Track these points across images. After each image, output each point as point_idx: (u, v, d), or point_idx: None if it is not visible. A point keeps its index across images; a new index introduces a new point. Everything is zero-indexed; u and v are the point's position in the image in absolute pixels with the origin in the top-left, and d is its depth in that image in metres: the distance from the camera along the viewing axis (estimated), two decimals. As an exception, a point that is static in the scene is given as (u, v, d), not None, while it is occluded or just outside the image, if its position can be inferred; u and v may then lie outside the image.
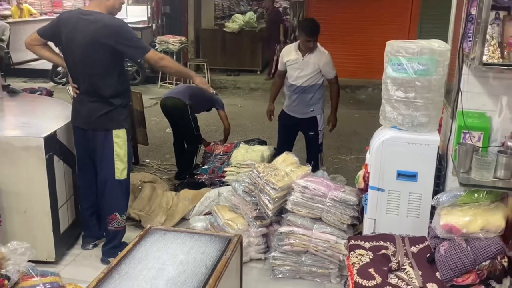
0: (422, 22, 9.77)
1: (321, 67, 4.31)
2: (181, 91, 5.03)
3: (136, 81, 9.82)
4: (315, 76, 4.35)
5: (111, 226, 3.43)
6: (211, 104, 5.22)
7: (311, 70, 4.32)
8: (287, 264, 3.30)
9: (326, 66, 4.32)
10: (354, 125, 7.35)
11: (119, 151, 3.33)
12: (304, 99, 4.43)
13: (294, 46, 4.43)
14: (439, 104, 2.83)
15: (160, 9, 10.81)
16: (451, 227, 2.34)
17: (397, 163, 2.79)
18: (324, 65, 4.30)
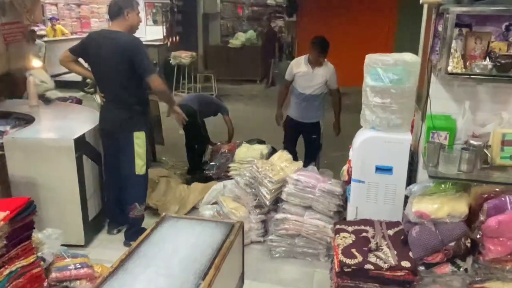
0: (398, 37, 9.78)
1: (328, 79, 4.35)
2: (192, 99, 5.04)
3: (153, 90, 9.81)
4: (322, 86, 4.39)
5: (132, 214, 3.44)
6: (217, 110, 5.21)
7: (320, 81, 4.35)
8: (283, 246, 3.31)
9: (332, 78, 4.37)
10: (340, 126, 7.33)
11: (139, 150, 3.34)
12: (311, 106, 4.45)
13: (303, 59, 4.41)
14: (411, 108, 2.83)
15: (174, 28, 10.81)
16: (421, 213, 2.35)
17: (376, 159, 2.79)
18: (330, 77, 4.35)
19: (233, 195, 3.76)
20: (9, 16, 4.29)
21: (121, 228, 3.66)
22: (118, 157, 3.39)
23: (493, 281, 2.27)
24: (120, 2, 3.20)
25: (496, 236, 2.20)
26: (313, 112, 4.48)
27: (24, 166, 3.20)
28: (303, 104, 4.47)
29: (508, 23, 2.37)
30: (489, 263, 2.25)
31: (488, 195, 2.30)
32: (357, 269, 2.28)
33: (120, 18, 3.19)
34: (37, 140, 3.23)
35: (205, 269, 2.16)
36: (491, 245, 2.20)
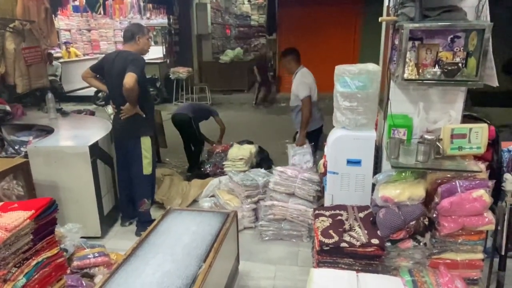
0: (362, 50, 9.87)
1: (295, 90, 3.84)
2: (186, 107, 5.02)
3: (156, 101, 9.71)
4: (295, 97, 3.86)
5: (141, 209, 3.42)
6: (208, 114, 5.19)
7: (292, 90, 3.98)
8: (271, 230, 3.32)
9: (297, 88, 3.83)
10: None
11: (146, 153, 3.32)
12: (292, 117, 4.06)
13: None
14: (375, 110, 2.85)
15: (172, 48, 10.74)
16: (386, 198, 2.36)
17: (347, 154, 2.81)
18: (296, 86, 3.91)
19: (227, 188, 3.76)
20: (28, 41, 4.23)
21: (132, 220, 3.63)
22: (128, 160, 3.37)
23: (448, 252, 2.30)
24: (133, 29, 3.22)
25: (449, 215, 2.23)
26: (295, 124, 4.06)
27: (46, 170, 3.15)
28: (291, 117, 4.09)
29: (453, 36, 2.40)
30: (444, 237, 2.27)
31: (442, 180, 2.32)
32: (334, 247, 2.29)
33: (132, 42, 3.21)
34: (56, 148, 3.19)
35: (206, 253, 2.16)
36: (445, 222, 2.23)
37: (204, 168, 4.67)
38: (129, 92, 3.00)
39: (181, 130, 5.00)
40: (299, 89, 3.84)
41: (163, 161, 5.46)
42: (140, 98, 3.18)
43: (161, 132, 5.28)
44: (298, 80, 3.91)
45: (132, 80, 2.96)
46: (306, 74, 3.99)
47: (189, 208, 3.72)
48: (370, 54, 3.92)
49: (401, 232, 2.30)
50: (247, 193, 3.47)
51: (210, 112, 5.19)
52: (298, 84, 3.88)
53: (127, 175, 3.44)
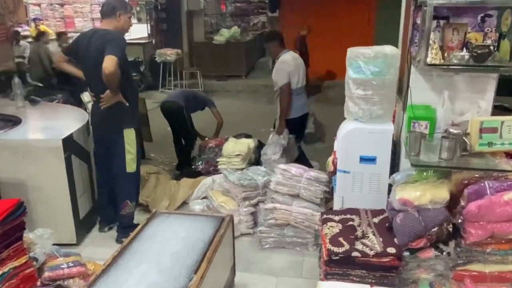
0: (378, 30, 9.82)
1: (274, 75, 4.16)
2: (177, 95, 5.00)
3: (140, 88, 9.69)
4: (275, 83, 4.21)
5: (123, 212, 3.42)
6: (203, 104, 5.18)
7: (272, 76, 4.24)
8: (272, 236, 3.33)
9: (274, 74, 4.14)
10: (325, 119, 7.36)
11: (129, 148, 3.31)
12: (275, 103, 4.34)
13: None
14: (392, 99, 2.85)
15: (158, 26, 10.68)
16: (405, 201, 2.37)
17: (360, 149, 2.81)
18: (274, 73, 4.16)
19: (222, 189, 3.76)
20: (-9, 18, 4.19)
21: (112, 225, 3.63)
22: (108, 155, 3.36)
23: (474, 263, 2.31)
24: (114, 3, 3.16)
25: (477, 220, 2.24)
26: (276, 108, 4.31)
27: (12, 167, 3.14)
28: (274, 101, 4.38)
29: (484, 14, 2.39)
30: (470, 246, 2.28)
31: (468, 181, 2.33)
32: (344, 257, 2.30)
33: (111, 18, 3.17)
34: (25, 141, 3.18)
35: (197, 263, 2.16)
36: (472, 229, 2.24)
37: (195, 166, 4.67)
38: (109, 77, 2.97)
39: (171, 120, 5.00)
40: (277, 77, 4.13)
41: (147, 157, 5.45)
42: (122, 84, 3.16)
43: (146, 124, 5.27)
44: (277, 66, 4.15)
45: (113, 63, 2.93)
46: (288, 60, 4.16)
47: (178, 211, 3.73)
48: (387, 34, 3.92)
49: (421, 240, 2.31)
50: (245, 194, 3.48)
51: (205, 102, 5.19)
52: (276, 70, 4.14)
53: (107, 173, 3.44)
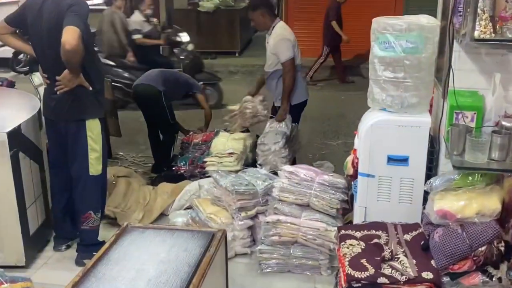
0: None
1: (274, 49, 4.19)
2: (154, 76, 4.98)
3: (106, 68, 9.67)
4: (273, 60, 4.25)
5: (85, 226, 3.41)
6: (187, 88, 5.17)
7: (268, 53, 4.29)
8: (275, 257, 3.32)
9: (276, 47, 4.17)
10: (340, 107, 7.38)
11: (93, 144, 3.30)
12: (270, 86, 4.40)
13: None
14: (430, 84, 2.85)
15: (129, -11, 10.63)
16: (445, 213, 2.37)
17: (387, 147, 2.81)
18: (274, 44, 4.18)
19: (211, 197, 3.76)
20: None
21: (71, 243, 3.62)
22: (66, 153, 3.35)
23: (532, 291, 2.32)
24: None
25: (536, 238, 2.25)
26: (274, 94, 4.39)
27: None
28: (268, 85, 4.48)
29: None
30: (527, 270, 2.29)
31: (526, 187, 2.33)
32: (368, 284, 2.30)
33: None
34: (-41, 135, 3.15)
35: (181, 292, 2.16)
36: (530, 249, 2.25)
37: (176, 167, 4.66)
38: (70, 54, 2.94)
39: (145, 109, 4.99)
40: (279, 49, 4.12)
41: (115, 156, 5.45)
42: (85, 63, 3.14)
43: (113, 113, 5.25)
44: (277, 37, 4.15)
45: (74, 36, 2.91)
46: (288, 29, 4.22)
47: (155, 225, 3.72)
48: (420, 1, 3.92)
49: (465, 262, 2.32)
50: (240, 203, 3.47)
51: (190, 86, 5.18)
52: (278, 41, 4.13)
53: (65, 176, 3.43)
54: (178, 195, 4.11)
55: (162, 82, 4.85)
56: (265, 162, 4.22)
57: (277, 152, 4.19)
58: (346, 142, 5.80)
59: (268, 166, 4.15)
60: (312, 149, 5.74)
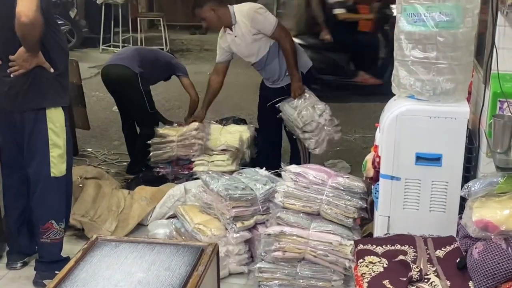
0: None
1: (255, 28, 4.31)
2: (129, 56, 4.97)
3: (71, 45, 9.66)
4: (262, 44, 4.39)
5: (45, 239, 3.41)
6: (169, 71, 5.18)
7: (251, 40, 4.36)
8: (278, 278, 3.33)
9: (257, 24, 4.30)
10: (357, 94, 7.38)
11: (56, 138, 3.31)
12: (271, 70, 4.49)
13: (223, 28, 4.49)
14: (468, 66, 2.84)
15: None
16: (486, 224, 2.37)
17: (416, 144, 2.81)
18: (251, 28, 4.30)
19: (200, 203, 3.76)
20: None
21: (28, 259, 3.63)
22: (22, 151, 3.36)
23: None
24: None
25: None
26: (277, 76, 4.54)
27: None
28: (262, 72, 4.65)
29: None
30: None
31: None
32: (392, 311, 2.30)
33: None
34: None
35: (163, 319, 2.16)
36: None
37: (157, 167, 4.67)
38: (26, 28, 2.96)
39: (118, 96, 5.00)
40: (259, 24, 4.30)
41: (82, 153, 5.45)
42: (45, 39, 3.14)
43: (79, 101, 5.26)
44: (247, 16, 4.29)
45: (31, 7, 2.91)
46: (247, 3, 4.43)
47: (131, 238, 3.71)
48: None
49: (510, 284, 2.31)
50: (236, 211, 3.48)
51: (172, 68, 5.17)
52: (252, 19, 4.29)
53: (20, 178, 3.44)
54: (159, 201, 4.12)
55: (139, 63, 4.86)
56: (319, 144, 4.38)
57: (328, 122, 4.36)
58: (364, 136, 5.82)
59: (324, 146, 4.37)
60: (323, 145, 5.73)
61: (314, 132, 4.33)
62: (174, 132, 4.71)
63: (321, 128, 4.34)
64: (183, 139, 4.63)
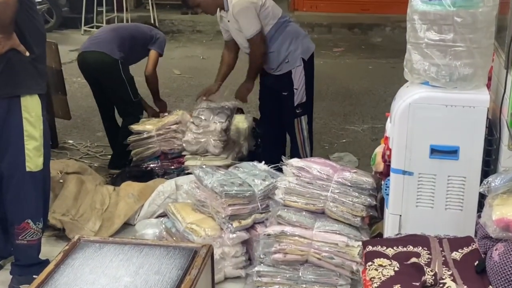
0: None
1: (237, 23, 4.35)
2: (107, 39, 4.93)
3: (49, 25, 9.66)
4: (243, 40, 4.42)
5: (21, 240, 3.41)
6: (147, 44, 5.13)
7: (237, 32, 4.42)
8: (278, 282, 3.33)
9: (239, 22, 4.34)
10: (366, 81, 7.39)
11: (31, 129, 3.31)
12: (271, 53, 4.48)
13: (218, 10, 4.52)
14: (488, 49, 2.84)
15: None
16: (508, 223, 2.37)
17: (431, 135, 2.82)
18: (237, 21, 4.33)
19: (192, 201, 3.77)
20: None
21: (3, 262, 3.64)
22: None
23: None
24: None
25: None
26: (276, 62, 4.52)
27: None
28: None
29: None
30: None
31: None
32: (403, 318, 2.31)
33: None
34: None
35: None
36: None
37: (144, 163, 4.68)
38: None
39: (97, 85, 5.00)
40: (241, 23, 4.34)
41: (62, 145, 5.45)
42: (19, 20, 3.14)
43: (59, 89, 5.25)
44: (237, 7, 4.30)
45: None
46: None
47: (117, 239, 3.71)
48: None
49: (534, 290, 2.32)
50: (232, 210, 3.48)
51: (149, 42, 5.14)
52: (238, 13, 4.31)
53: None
54: (147, 199, 4.12)
55: (119, 46, 4.86)
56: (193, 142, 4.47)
57: (217, 133, 4.41)
58: (374, 127, 5.82)
59: (195, 147, 4.45)
60: (328, 136, 5.75)
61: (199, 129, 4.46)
62: (151, 126, 4.73)
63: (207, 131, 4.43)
64: (163, 134, 4.68)
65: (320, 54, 5.97)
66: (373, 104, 6.45)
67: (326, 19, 10.28)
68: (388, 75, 6.49)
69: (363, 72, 7.77)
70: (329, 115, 6.20)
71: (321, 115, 5.82)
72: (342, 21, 10.24)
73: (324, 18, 10.37)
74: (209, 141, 4.41)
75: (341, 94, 6.50)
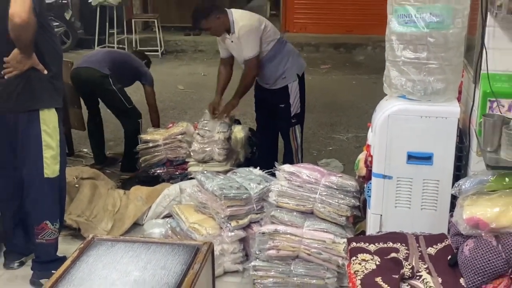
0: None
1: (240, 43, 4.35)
2: (98, 59, 5.00)
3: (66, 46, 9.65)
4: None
5: (40, 239, 3.40)
6: (135, 76, 5.20)
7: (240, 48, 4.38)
8: (272, 276, 3.32)
9: (241, 41, 4.33)
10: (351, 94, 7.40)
11: (49, 140, 3.30)
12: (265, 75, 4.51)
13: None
14: (458, 66, 2.84)
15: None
16: (477, 221, 2.37)
17: (407, 143, 2.81)
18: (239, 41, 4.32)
19: (195, 203, 3.76)
20: None
21: (25, 259, 3.63)
22: (15, 152, 3.35)
23: None
24: None
25: None
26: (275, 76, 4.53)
27: None
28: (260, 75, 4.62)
29: None
30: None
31: None
32: (384, 307, 2.31)
33: None
34: None
35: (159, 317, 2.16)
36: None
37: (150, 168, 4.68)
38: (20, 30, 2.95)
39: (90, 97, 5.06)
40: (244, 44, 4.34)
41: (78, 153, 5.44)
42: (39, 41, 3.13)
43: (75, 103, 5.24)
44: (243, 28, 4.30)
45: (25, 8, 2.89)
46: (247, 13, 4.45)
47: (127, 237, 3.70)
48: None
49: (501, 281, 2.31)
50: (230, 211, 3.48)
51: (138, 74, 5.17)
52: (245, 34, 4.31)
53: (14, 179, 3.43)
54: (154, 201, 4.12)
55: (109, 65, 4.89)
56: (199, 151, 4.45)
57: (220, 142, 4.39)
58: (357, 136, 5.82)
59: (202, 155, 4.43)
60: (317, 144, 5.76)
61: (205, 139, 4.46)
62: (159, 136, 4.74)
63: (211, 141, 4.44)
64: (169, 143, 4.70)
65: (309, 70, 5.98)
66: (357, 115, 6.46)
67: (314, 40, 10.31)
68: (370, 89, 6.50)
69: (348, 87, 7.78)
70: (317, 125, 6.20)
71: (310, 125, 5.81)
72: (329, 41, 10.28)
73: (312, 38, 10.40)
74: (213, 149, 4.41)
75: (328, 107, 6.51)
